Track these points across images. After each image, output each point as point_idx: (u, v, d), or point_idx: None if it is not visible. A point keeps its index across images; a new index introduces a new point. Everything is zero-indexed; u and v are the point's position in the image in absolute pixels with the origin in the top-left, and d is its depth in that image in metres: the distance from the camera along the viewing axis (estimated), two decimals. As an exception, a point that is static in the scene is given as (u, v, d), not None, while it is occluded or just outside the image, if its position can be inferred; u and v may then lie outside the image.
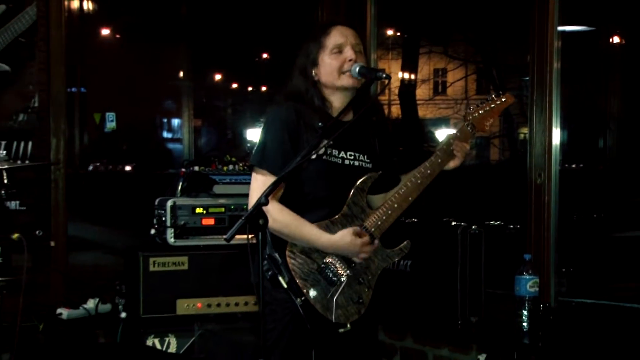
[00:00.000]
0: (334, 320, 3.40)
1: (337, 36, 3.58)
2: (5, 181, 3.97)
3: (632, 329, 4.27)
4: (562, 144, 4.65)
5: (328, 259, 3.45)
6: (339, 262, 3.46)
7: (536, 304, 4.31)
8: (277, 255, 3.34)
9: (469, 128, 3.66)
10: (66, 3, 5.24)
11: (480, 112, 3.69)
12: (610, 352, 4.06)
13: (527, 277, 4.29)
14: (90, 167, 13.45)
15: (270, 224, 3.15)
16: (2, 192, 3.95)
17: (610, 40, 12.42)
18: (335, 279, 3.44)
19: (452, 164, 3.65)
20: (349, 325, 3.43)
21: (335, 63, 3.55)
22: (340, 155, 3.56)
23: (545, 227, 4.62)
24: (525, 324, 4.29)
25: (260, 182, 3.47)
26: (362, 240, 3.46)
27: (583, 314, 4.49)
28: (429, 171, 3.59)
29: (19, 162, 4.84)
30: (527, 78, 4.87)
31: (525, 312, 4.29)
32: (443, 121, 22.83)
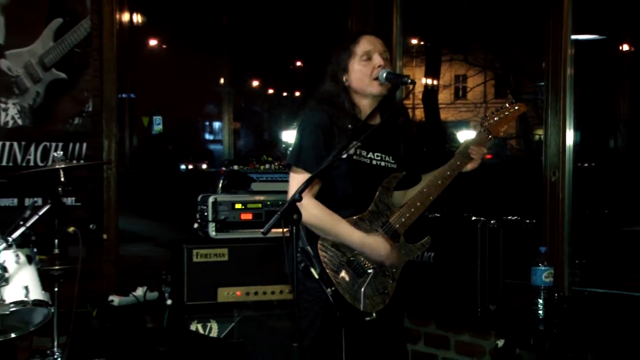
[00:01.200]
0: (361, 309, 3.39)
1: (366, 44, 3.57)
2: (62, 179, 3.99)
3: (641, 316, 4.25)
4: (575, 144, 4.61)
5: (356, 253, 3.46)
6: (367, 255, 3.47)
7: (551, 293, 4.28)
8: (309, 248, 3.33)
9: (485, 133, 3.65)
10: (117, 16, 5.26)
11: (495, 119, 3.67)
12: (621, 338, 4.03)
13: (543, 268, 4.26)
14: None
15: (306, 218, 3.15)
16: (60, 189, 3.97)
17: (620, 47, 12.35)
18: (362, 271, 3.44)
19: (469, 167, 3.64)
20: (374, 314, 3.42)
21: (364, 70, 3.54)
22: (368, 155, 3.56)
23: (559, 221, 4.59)
24: (540, 312, 4.26)
25: (297, 180, 3.47)
26: (392, 245, 3.46)
27: (595, 303, 4.45)
28: (448, 172, 3.58)
29: (74, 161, 4.88)
30: (542, 83, 4.83)
31: (540, 301, 4.26)
32: (463, 123, 22.74)
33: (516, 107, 3.70)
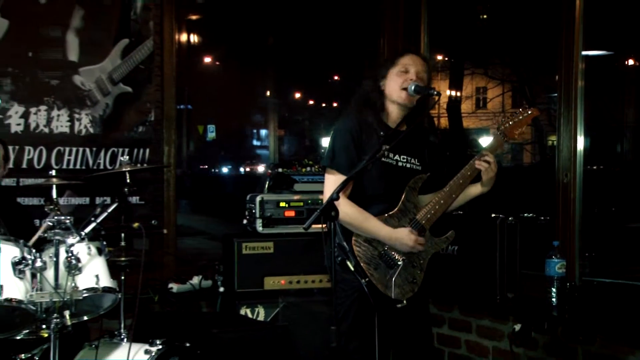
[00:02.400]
0: (393, 297, 3.39)
1: (408, 60, 3.59)
2: (128, 181, 4.02)
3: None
4: (585, 149, 4.56)
5: (387, 247, 3.46)
6: (396, 249, 3.46)
7: (563, 283, 4.25)
8: (345, 243, 3.34)
9: (500, 136, 3.63)
10: (176, 37, 5.30)
11: (510, 122, 3.65)
12: (626, 322, 3.98)
13: (556, 260, 4.23)
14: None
15: (340, 216, 3.15)
16: (126, 189, 4.00)
17: (626, 62, 12.27)
18: (393, 263, 3.44)
19: (483, 188, 3.60)
20: (405, 302, 3.42)
21: (398, 80, 3.55)
22: (395, 158, 3.56)
23: (571, 218, 4.55)
24: (554, 300, 4.22)
25: (331, 180, 3.48)
26: (417, 237, 3.45)
27: (603, 291, 4.40)
28: (468, 173, 3.56)
29: (138, 165, 4.92)
30: (555, 94, 4.78)
31: (554, 290, 4.23)
32: (484, 131, 22.60)
33: (529, 112, 3.69)
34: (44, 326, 3.48)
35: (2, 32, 4.65)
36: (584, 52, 4.54)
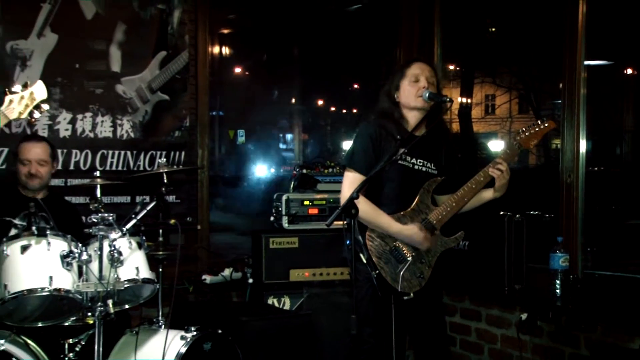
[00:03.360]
0: (399, 290, 3.38)
1: (416, 69, 3.57)
2: (165, 181, 4.03)
3: (642, 295, 4.17)
4: (587, 151, 4.53)
5: (398, 243, 3.44)
6: (406, 245, 3.45)
7: (567, 276, 4.23)
8: (360, 237, 3.33)
9: (516, 146, 3.59)
10: (209, 49, 5.31)
11: (527, 133, 3.59)
12: (624, 312, 3.96)
13: (560, 254, 4.21)
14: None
15: (355, 212, 3.15)
16: (163, 189, 4.02)
17: (625, 71, 12.22)
18: (402, 258, 3.42)
19: (496, 193, 3.59)
20: (412, 294, 3.41)
21: (411, 89, 3.54)
22: (412, 161, 3.54)
23: (573, 216, 4.52)
24: (558, 291, 4.20)
25: (349, 180, 3.48)
26: (425, 233, 3.44)
27: (604, 283, 4.37)
28: (481, 178, 3.54)
29: (174, 167, 4.94)
30: (559, 101, 4.74)
31: (558, 282, 4.20)
32: (492, 135, 22.58)
33: (546, 124, 3.60)
34: (89, 314, 3.52)
35: (52, 45, 4.69)
36: (586, 62, 4.51)
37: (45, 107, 3.29)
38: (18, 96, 3.18)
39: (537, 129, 3.59)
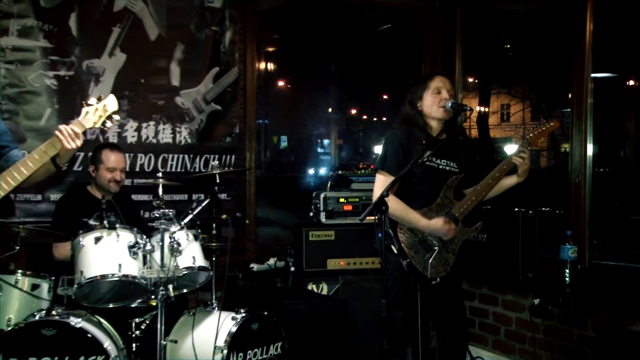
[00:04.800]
0: (428, 276, 3.37)
1: (438, 82, 3.56)
2: (218, 181, 4.06)
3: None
4: (593, 154, 4.47)
5: (425, 234, 3.44)
6: (433, 236, 3.44)
7: (575, 265, 4.18)
8: (390, 231, 3.33)
9: (526, 144, 3.57)
10: (257, 65, 5.33)
11: (534, 132, 3.60)
12: (628, 298, 3.91)
13: (569, 246, 4.16)
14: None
15: (388, 209, 3.15)
16: (216, 188, 4.04)
17: (627, 83, 12.11)
18: (430, 247, 3.42)
19: (519, 178, 3.58)
20: (438, 279, 3.40)
21: (434, 100, 3.53)
22: (437, 162, 3.54)
23: (581, 212, 4.46)
24: (567, 279, 4.15)
25: (381, 181, 3.47)
26: (450, 226, 3.42)
27: (609, 272, 4.31)
28: (497, 174, 3.53)
29: (226, 168, 4.95)
30: (568, 109, 4.68)
31: (567, 271, 4.15)
32: (507, 140, 22.45)
33: (551, 124, 3.65)
34: (152, 297, 3.56)
35: (121, 63, 4.74)
36: (592, 75, 4.46)
37: (116, 117, 3.34)
38: (93, 108, 3.23)
39: (543, 128, 3.61)
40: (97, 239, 3.49)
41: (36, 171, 3.10)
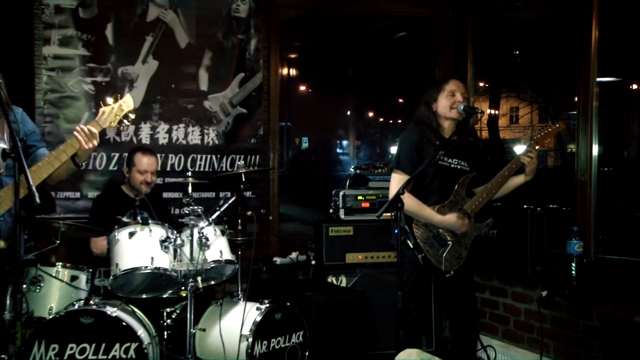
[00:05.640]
0: (443, 269, 3.35)
1: (452, 85, 3.54)
2: (243, 180, 4.07)
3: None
4: (598, 154, 4.41)
5: (439, 229, 3.41)
6: (447, 231, 3.42)
7: (581, 259, 4.13)
8: (406, 227, 3.31)
9: (534, 145, 3.54)
10: (280, 71, 5.33)
11: (541, 134, 3.57)
12: (632, 291, 3.85)
13: (575, 241, 4.12)
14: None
15: (404, 207, 3.13)
16: (241, 186, 4.05)
17: (631, 86, 11.99)
18: (444, 242, 3.40)
19: (526, 177, 3.55)
20: (452, 272, 3.38)
21: (448, 102, 3.52)
22: (449, 161, 3.52)
23: (587, 209, 4.40)
24: (573, 272, 4.11)
25: (396, 179, 3.46)
26: (463, 221, 3.40)
27: (613, 266, 4.26)
28: (506, 173, 3.50)
29: (251, 168, 4.97)
30: (574, 112, 4.62)
31: (573, 264, 4.11)
32: (517, 141, 22.29)
33: (557, 125, 3.63)
34: (182, 288, 3.57)
35: (154, 70, 4.77)
36: (597, 79, 4.40)
37: (132, 116, 3.26)
38: (109, 108, 3.21)
39: (550, 130, 3.58)
40: (131, 234, 3.51)
41: (56, 170, 3.07)
